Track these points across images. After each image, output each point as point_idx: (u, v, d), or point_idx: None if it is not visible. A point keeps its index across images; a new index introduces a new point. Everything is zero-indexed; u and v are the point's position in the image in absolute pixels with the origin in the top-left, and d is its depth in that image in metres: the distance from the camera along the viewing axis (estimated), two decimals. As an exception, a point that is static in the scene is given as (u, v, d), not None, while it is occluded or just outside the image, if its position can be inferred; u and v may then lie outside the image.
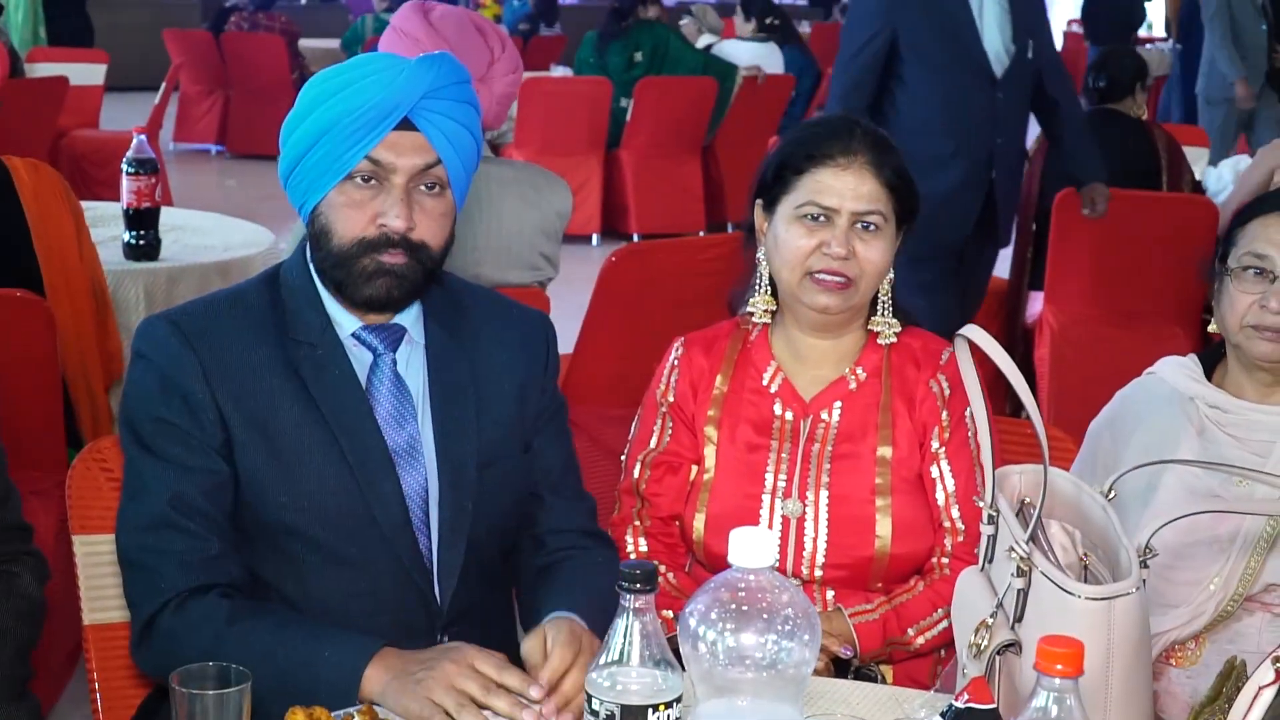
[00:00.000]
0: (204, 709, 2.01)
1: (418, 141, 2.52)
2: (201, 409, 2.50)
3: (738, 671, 1.85)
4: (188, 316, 2.59)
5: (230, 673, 2.04)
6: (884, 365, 2.91)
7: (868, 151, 2.85)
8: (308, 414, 2.54)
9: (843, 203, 2.82)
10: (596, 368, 4.74)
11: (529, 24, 16.86)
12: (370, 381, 2.60)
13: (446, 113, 2.54)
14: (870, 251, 2.83)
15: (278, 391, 2.54)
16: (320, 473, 2.52)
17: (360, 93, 2.48)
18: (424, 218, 2.55)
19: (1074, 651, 1.75)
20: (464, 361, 2.67)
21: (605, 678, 1.90)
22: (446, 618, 2.60)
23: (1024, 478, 2.38)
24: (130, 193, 5.05)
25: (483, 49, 4.15)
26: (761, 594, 1.87)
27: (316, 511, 2.52)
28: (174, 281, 5.07)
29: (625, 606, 1.89)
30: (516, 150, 10.67)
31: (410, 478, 2.58)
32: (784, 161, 2.91)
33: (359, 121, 2.48)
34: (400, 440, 2.59)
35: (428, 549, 2.59)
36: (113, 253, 5.03)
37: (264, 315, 2.59)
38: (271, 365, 2.55)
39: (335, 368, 2.57)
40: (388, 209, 2.51)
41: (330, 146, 2.50)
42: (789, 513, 2.85)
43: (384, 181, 2.52)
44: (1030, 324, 6.61)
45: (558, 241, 4.55)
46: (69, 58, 11.49)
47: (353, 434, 2.54)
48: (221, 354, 2.53)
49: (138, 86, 15.27)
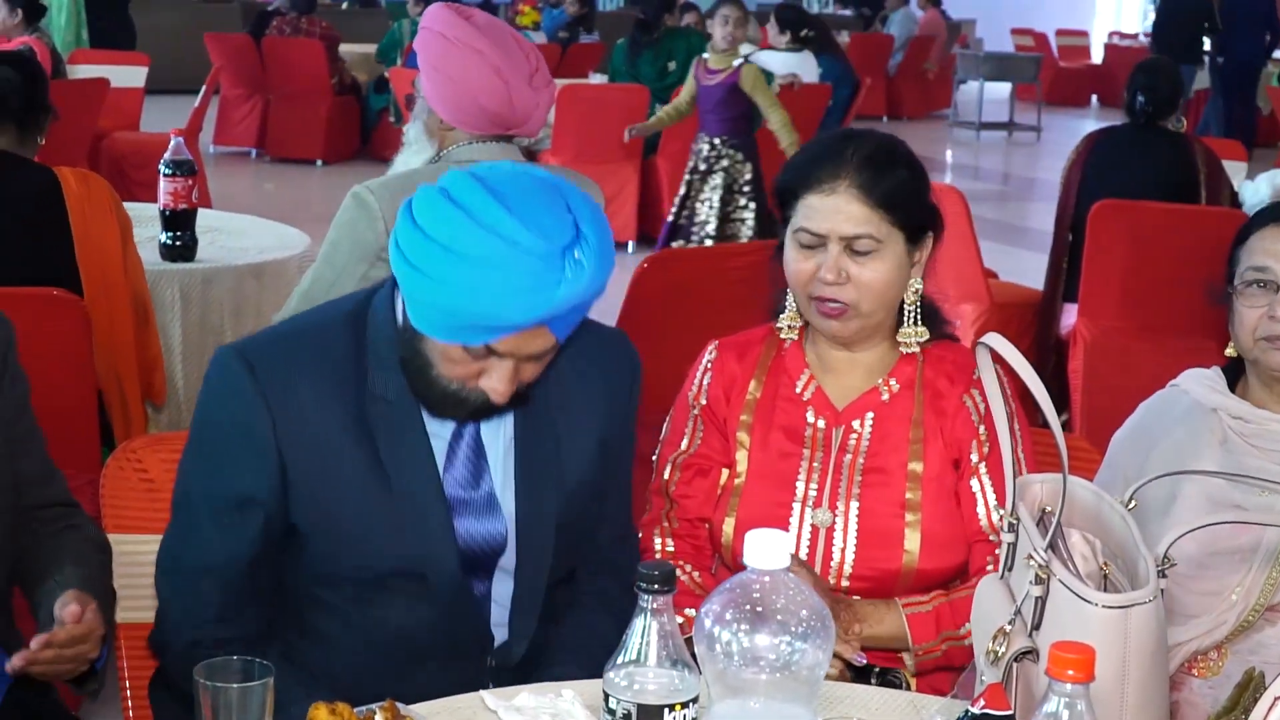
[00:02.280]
0: (228, 703, 2.03)
1: (544, 337, 2.38)
2: (261, 453, 2.47)
3: (752, 672, 1.86)
4: (265, 358, 2.50)
5: (254, 667, 2.06)
6: (917, 379, 2.90)
7: (856, 174, 2.80)
8: (374, 476, 2.49)
9: (831, 227, 2.79)
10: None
11: (567, 31, 16.85)
12: (451, 447, 2.56)
13: (578, 315, 2.41)
14: (867, 274, 2.80)
15: (345, 448, 2.48)
16: (378, 537, 2.50)
17: (508, 297, 2.28)
18: (526, 372, 2.45)
19: (1085, 657, 1.75)
20: (547, 422, 2.61)
21: (622, 677, 1.91)
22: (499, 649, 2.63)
23: (1045, 487, 2.38)
24: (167, 194, 5.09)
25: (523, 58, 4.06)
26: (776, 595, 1.88)
27: (371, 573, 2.53)
28: (209, 283, 5.12)
29: (643, 607, 1.91)
30: (553, 157, 10.68)
31: (483, 530, 2.57)
32: (783, 185, 2.90)
33: (495, 325, 2.32)
34: (475, 500, 2.57)
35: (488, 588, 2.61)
36: (149, 253, 5.06)
37: (344, 363, 2.51)
38: (341, 417, 2.49)
39: (411, 433, 2.51)
40: (494, 378, 2.40)
41: (456, 321, 2.33)
42: (819, 522, 2.85)
43: (496, 358, 2.40)
44: (1064, 336, 6.59)
45: (590, 246, 4.52)
46: (110, 60, 11.53)
47: (418, 503, 2.51)
48: (291, 397, 2.47)
49: (178, 89, 15.31)
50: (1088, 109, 24.69)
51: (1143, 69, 6.90)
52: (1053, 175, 7.34)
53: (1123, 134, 6.86)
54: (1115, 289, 6.30)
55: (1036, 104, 21.22)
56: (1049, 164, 16.58)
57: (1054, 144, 18.93)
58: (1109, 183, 6.48)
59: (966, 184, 15.27)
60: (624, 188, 11.09)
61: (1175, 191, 6.47)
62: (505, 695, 2.27)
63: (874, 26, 22.97)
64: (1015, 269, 8.36)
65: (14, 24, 9.67)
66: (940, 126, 21.10)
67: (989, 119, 20.85)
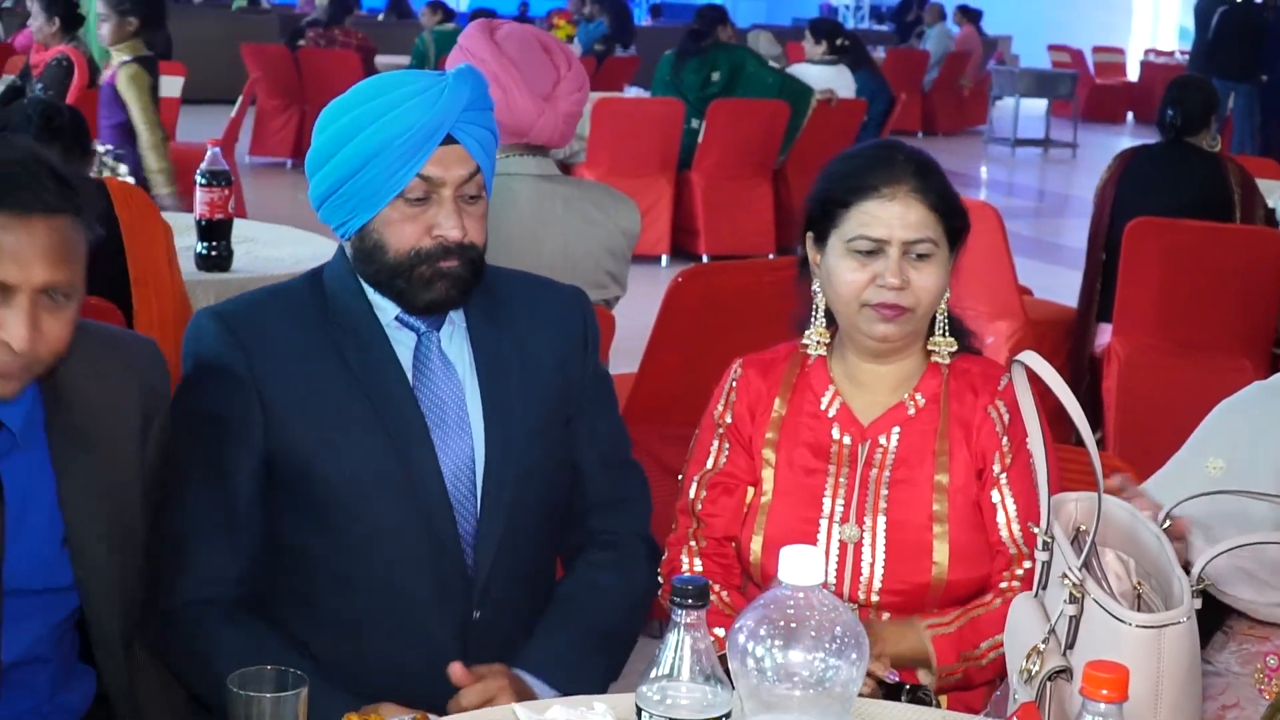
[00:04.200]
0: (260, 712, 2.04)
1: (459, 154, 2.66)
2: (244, 391, 2.65)
3: (785, 688, 1.86)
4: (231, 307, 2.77)
5: (288, 677, 2.08)
6: (942, 391, 2.90)
7: (912, 178, 2.82)
8: (349, 391, 2.67)
9: (892, 233, 2.80)
10: (660, 386, 4.75)
11: (604, 45, 16.90)
12: (417, 358, 2.73)
13: (479, 122, 2.68)
14: (924, 279, 2.81)
15: (320, 372, 2.68)
16: (360, 446, 2.66)
17: (405, 115, 2.60)
18: (470, 223, 2.69)
19: (1119, 677, 1.75)
20: (504, 338, 2.79)
21: (655, 692, 1.91)
22: (482, 586, 2.71)
23: (1080, 505, 2.38)
24: (204, 204, 5.10)
25: (549, 67, 4.22)
26: (810, 612, 1.88)
27: (356, 484, 2.65)
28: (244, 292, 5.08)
29: (676, 622, 1.90)
30: (587, 170, 10.70)
31: (456, 449, 2.71)
32: (829, 195, 2.89)
33: (408, 143, 2.60)
34: (446, 410, 2.72)
35: (471, 521, 2.70)
36: (185, 263, 5.06)
37: (307, 305, 2.74)
38: (313, 348, 2.70)
39: (376, 349, 2.71)
40: (442, 220, 2.65)
41: (381, 168, 2.61)
42: (846, 538, 2.84)
43: (433, 195, 2.66)
44: (1098, 354, 6.58)
45: (625, 261, 4.57)
46: (147, 69, 11.54)
47: (392, 408, 2.68)
48: (264, 339, 2.68)
49: (215, 99, 15.39)
50: (1123, 126, 24.64)
51: (1176, 84, 6.88)
52: (1088, 192, 7.31)
53: (1156, 152, 6.83)
54: (1149, 307, 6.28)
55: (1072, 120, 21.17)
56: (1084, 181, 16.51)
57: (1090, 160, 18.88)
58: (1142, 201, 6.45)
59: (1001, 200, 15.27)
60: (658, 201, 11.06)
61: (1209, 210, 6.44)
62: (537, 709, 2.28)
63: (910, 42, 22.95)
64: (1050, 286, 8.34)
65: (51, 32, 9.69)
66: (975, 142, 21.08)
67: (1024, 135, 20.83)
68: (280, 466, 2.66)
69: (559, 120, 4.24)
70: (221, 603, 2.62)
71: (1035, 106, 21.76)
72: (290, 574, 2.70)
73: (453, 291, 2.68)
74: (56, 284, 2.37)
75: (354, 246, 2.72)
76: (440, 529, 2.68)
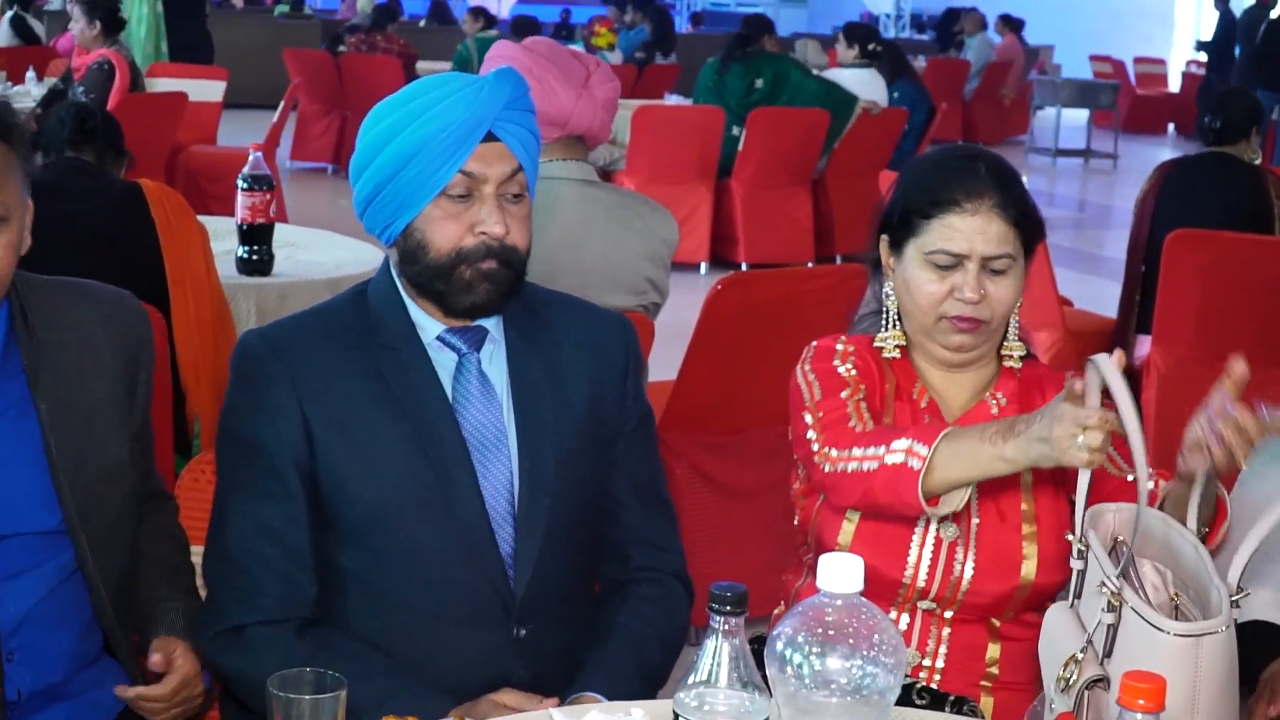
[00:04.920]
0: (299, 714, 2.05)
1: (501, 151, 2.66)
2: (286, 413, 2.66)
3: (823, 695, 1.86)
4: (277, 328, 2.80)
5: (326, 679, 2.08)
6: (1020, 391, 2.89)
7: (994, 192, 2.80)
8: (390, 412, 2.67)
9: (973, 248, 2.78)
10: (698, 394, 4.75)
11: (645, 52, 16.89)
12: (457, 379, 2.72)
13: (520, 122, 2.69)
14: (1001, 291, 2.79)
15: (360, 392, 2.68)
16: (400, 466, 2.65)
17: (447, 112, 2.62)
18: (513, 223, 2.68)
19: (1156, 687, 1.75)
20: (540, 362, 2.77)
21: (693, 698, 1.90)
22: (522, 611, 2.69)
23: (1118, 516, 2.38)
24: (245, 208, 5.12)
25: (578, 63, 4.34)
26: (849, 619, 1.88)
27: (396, 504, 2.65)
28: (285, 297, 5.11)
29: (714, 628, 1.90)
30: (627, 177, 10.69)
31: (495, 469, 2.70)
32: (911, 206, 2.85)
33: (450, 139, 2.61)
34: (485, 432, 2.71)
35: (509, 542, 2.69)
36: (226, 267, 5.08)
37: (349, 325, 2.74)
38: (354, 369, 2.69)
39: (417, 369, 2.70)
40: (484, 218, 2.66)
41: (423, 166, 2.63)
42: (945, 535, 2.80)
43: (476, 193, 2.66)
44: (1137, 366, 6.55)
45: (665, 269, 4.58)
46: (189, 74, 11.52)
47: (432, 428, 2.67)
48: (306, 360, 2.69)
49: (256, 104, 15.41)
50: (1164, 137, 24.51)
51: (1220, 93, 6.86)
52: (1129, 203, 7.28)
53: (1196, 164, 6.79)
54: (1189, 319, 6.25)
55: (1114, 131, 21.04)
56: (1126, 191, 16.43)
57: (1131, 171, 18.75)
58: (1182, 212, 6.42)
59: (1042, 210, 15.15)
60: (697, 209, 11.02)
61: (1248, 222, 6.40)
62: (574, 714, 2.28)
63: (949, 52, 22.89)
64: (1091, 297, 8.31)
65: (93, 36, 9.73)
66: (1016, 152, 20.97)
67: (1066, 145, 20.73)
68: (321, 486, 2.66)
69: (596, 107, 4.31)
70: (291, 622, 2.63)
71: (1077, 117, 21.63)
72: (329, 592, 2.69)
73: (494, 294, 2.68)
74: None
75: (398, 249, 2.72)
76: (480, 549, 2.67)
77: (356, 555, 2.67)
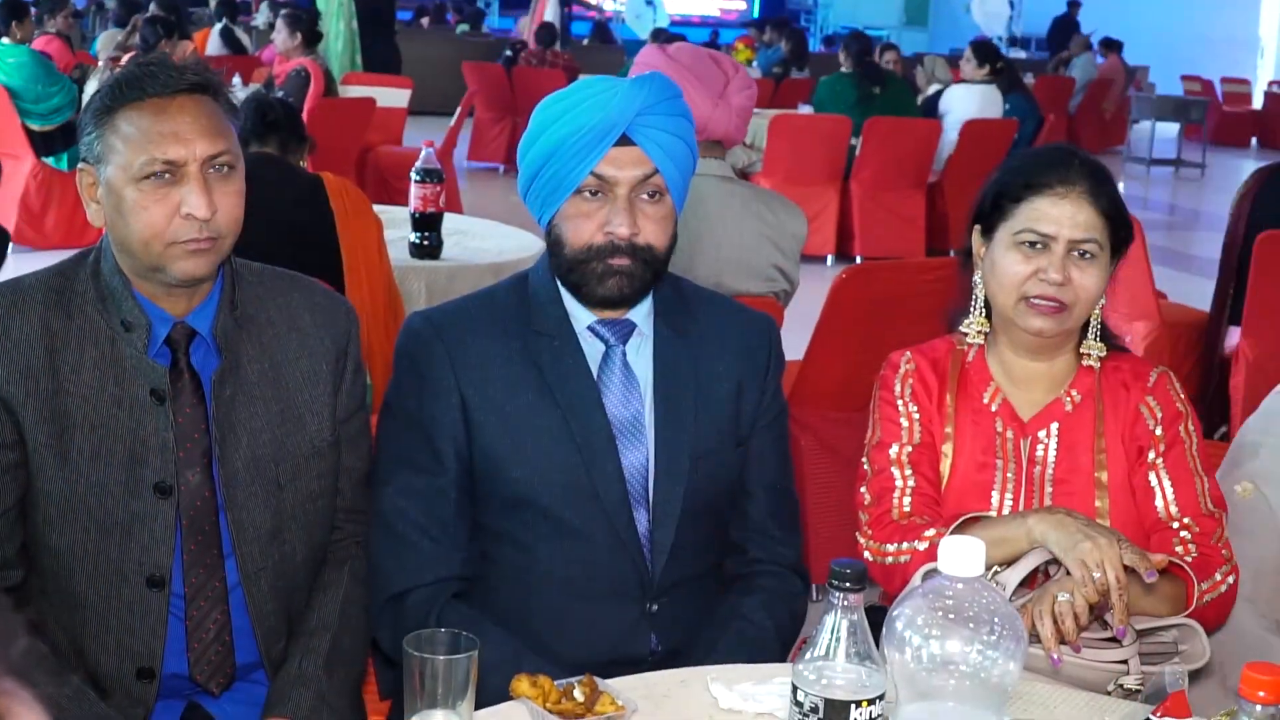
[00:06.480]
0: (434, 672, 1.91)
1: (636, 155, 2.50)
2: (445, 394, 2.53)
3: (941, 678, 1.67)
4: (441, 312, 2.65)
5: (460, 639, 1.94)
6: (1096, 389, 2.66)
7: (1085, 180, 2.61)
8: (542, 398, 2.53)
9: (1060, 230, 2.58)
10: (825, 373, 4.63)
11: (781, 68, 16.75)
12: (602, 369, 2.57)
13: (660, 126, 2.51)
14: (1085, 278, 2.59)
15: (517, 378, 2.54)
16: (550, 451, 2.51)
17: (581, 115, 2.48)
18: (646, 222, 2.52)
19: (1277, 679, 1.55)
20: (687, 357, 2.61)
21: (812, 671, 1.74)
22: (658, 588, 2.54)
23: None
24: (417, 198, 5.08)
25: (718, 72, 4.27)
26: (969, 603, 1.69)
27: (545, 485, 2.51)
28: (452, 278, 5.06)
29: (834, 604, 1.73)
30: (764, 179, 10.62)
31: (632, 456, 2.54)
32: (1002, 190, 2.67)
33: (582, 141, 2.47)
34: (625, 421, 2.55)
35: (645, 524, 2.53)
36: (400, 251, 5.06)
37: (510, 311, 2.61)
38: (512, 355, 2.56)
39: (570, 357, 2.56)
40: (613, 218, 2.50)
41: (559, 165, 2.49)
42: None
43: (608, 193, 2.50)
44: (1227, 355, 6.31)
45: (794, 260, 4.50)
46: (378, 82, 11.68)
47: (581, 416, 2.52)
48: (467, 344, 2.56)
49: (439, 111, 15.47)
50: (1248, 149, 24.10)
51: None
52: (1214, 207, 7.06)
53: (1291, 170, 6.55)
54: (1277, 312, 6.02)
55: (1202, 144, 20.72)
56: (1212, 197, 16.17)
57: (1217, 180, 18.49)
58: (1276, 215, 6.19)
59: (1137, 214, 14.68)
60: (826, 207, 10.99)
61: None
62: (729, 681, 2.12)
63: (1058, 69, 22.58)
64: (1180, 292, 8.06)
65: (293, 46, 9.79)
66: (1115, 161, 20.62)
67: (1159, 156, 20.44)
68: (476, 464, 2.54)
69: (732, 114, 4.23)
70: (447, 591, 2.51)
71: (1169, 130, 21.41)
72: (481, 560, 2.57)
73: (625, 288, 2.52)
74: (217, 154, 2.31)
75: (547, 240, 2.59)
76: (622, 534, 2.52)
77: (507, 528, 2.55)
